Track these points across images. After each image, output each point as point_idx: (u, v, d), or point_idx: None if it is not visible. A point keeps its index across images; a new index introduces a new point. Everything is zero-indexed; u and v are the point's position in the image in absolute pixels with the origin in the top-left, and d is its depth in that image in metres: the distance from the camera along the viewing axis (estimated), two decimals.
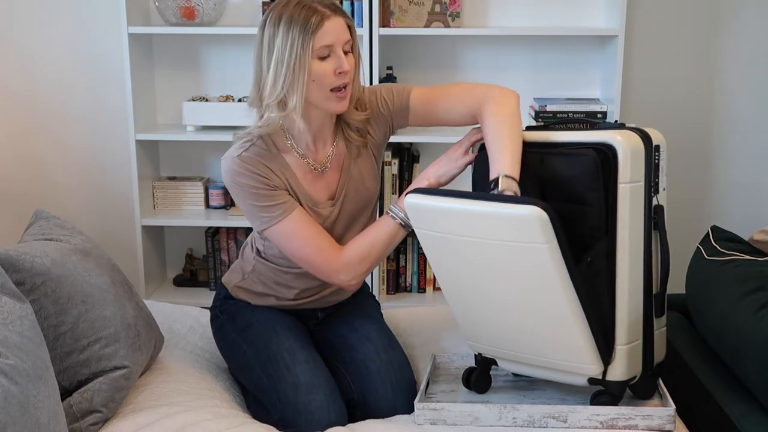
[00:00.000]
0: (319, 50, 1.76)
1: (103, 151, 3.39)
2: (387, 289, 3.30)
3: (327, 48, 1.77)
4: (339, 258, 1.87)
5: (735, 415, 1.76)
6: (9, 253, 1.67)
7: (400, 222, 1.87)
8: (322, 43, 1.76)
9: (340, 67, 1.78)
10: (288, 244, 1.88)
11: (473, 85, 1.93)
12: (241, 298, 2.08)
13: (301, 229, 1.86)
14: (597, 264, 1.67)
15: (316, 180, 1.93)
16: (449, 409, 1.75)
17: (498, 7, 3.22)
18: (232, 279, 2.10)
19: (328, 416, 1.85)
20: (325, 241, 1.88)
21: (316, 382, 1.88)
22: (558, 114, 3.07)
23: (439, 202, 1.69)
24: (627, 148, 1.66)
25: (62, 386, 1.70)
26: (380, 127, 1.98)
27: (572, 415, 1.71)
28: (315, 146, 1.93)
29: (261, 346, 1.95)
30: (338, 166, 1.96)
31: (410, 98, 1.93)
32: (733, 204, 3.38)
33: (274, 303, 2.06)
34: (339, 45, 1.78)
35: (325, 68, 1.77)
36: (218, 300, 2.11)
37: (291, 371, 1.89)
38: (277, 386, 1.89)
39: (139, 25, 3.11)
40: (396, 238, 1.90)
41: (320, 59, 1.77)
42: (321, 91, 1.79)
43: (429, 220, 1.73)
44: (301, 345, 1.96)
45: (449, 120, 1.94)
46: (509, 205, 1.59)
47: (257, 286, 2.05)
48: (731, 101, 3.31)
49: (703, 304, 1.98)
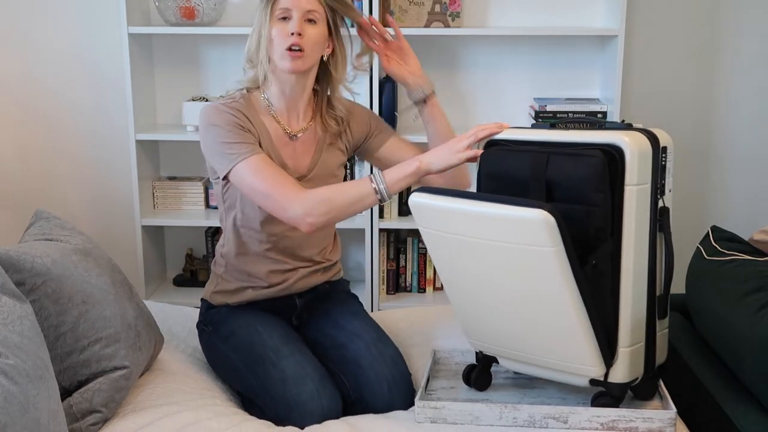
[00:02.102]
0: (278, 12, 1.94)
1: (103, 151, 3.39)
2: (387, 289, 3.30)
3: (284, 11, 1.94)
4: (299, 192, 1.88)
5: (735, 415, 1.76)
6: (9, 253, 1.67)
7: (375, 188, 1.87)
8: (280, 6, 1.94)
9: (291, 29, 1.93)
10: (251, 179, 1.89)
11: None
12: (221, 303, 2.10)
13: (267, 166, 1.91)
14: (602, 266, 1.67)
15: (287, 146, 2.03)
16: (450, 407, 1.75)
17: (498, 7, 3.22)
18: (209, 289, 2.15)
19: (320, 404, 1.86)
20: (288, 179, 1.91)
21: (303, 374, 1.89)
22: (558, 114, 3.07)
23: (444, 202, 1.69)
24: (635, 149, 1.65)
25: (62, 386, 1.70)
26: (359, 130, 2.12)
27: (573, 416, 1.71)
28: (288, 115, 2.04)
29: (246, 349, 1.97)
30: (312, 144, 2.06)
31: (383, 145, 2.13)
32: (733, 204, 3.38)
33: (252, 296, 2.08)
34: (297, 11, 1.94)
35: (279, 28, 1.95)
36: (202, 315, 2.15)
37: (277, 367, 1.91)
38: (266, 384, 1.91)
39: (139, 25, 3.10)
40: (365, 201, 1.89)
41: (280, 20, 1.95)
42: (278, 49, 1.95)
43: (434, 220, 1.73)
44: (285, 341, 1.98)
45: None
46: (516, 208, 1.58)
47: (231, 284, 2.09)
48: (731, 101, 3.31)
49: (703, 304, 1.98)
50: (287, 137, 2.03)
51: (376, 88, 3.05)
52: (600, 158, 1.64)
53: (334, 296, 2.18)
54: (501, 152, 1.80)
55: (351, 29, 2.09)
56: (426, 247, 1.80)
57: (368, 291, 3.20)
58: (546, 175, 1.71)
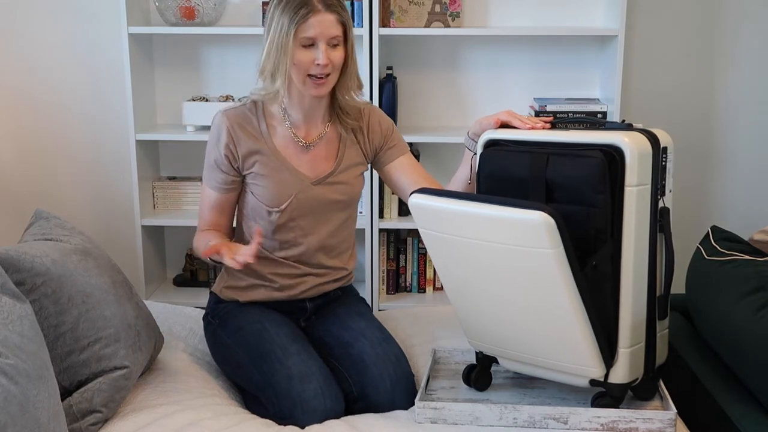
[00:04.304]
0: (302, 40, 1.91)
1: (103, 151, 3.39)
2: (387, 289, 3.30)
3: (310, 39, 1.91)
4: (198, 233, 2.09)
5: (735, 415, 1.76)
6: (9, 253, 1.67)
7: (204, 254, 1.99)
8: (304, 35, 1.90)
9: (318, 60, 1.91)
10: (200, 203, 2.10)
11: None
12: (230, 299, 2.11)
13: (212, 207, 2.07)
14: (602, 267, 1.66)
15: (301, 153, 2.05)
16: (450, 408, 1.75)
17: (498, 7, 3.22)
18: (219, 284, 2.16)
19: (324, 403, 1.87)
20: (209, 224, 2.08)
21: (308, 372, 1.90)
22: (558, 114, 3.07)
23: (443, 203, 1.69)
24: (635, 150, 1.64)
25: (62, 386, 1.70)
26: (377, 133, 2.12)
27: (573, 417, 1.71)
28: (305, 124, 2.05)
29: (253, 345, 1.98)
30: (333, 145, 2.08)
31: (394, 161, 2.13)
32: (733, 204, 3.38)
33: (264, 295, 2.09)
34: (322, 39, 1.91)
35: (305, 56, 1.92)
36: (209, 307, 2.16)
37: (283, 364, 1.91)
38: (271, 380, 1.91)
39: (139, 25, 3.10)
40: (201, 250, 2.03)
41: (304, 47, 1.92)
42: (300, 74, 1.94)
43: (433, 221, 1.72)
44: (293, 339, 1.99)
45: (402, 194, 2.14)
46: (515, 210, 1.58)
47: (243, 281, 2.10)
48: (731, 101, 3.31)
49: (703, 304, 1.98)
50: (302, 147, 2.04)
51: (376, 88, 3.05)
52: (600, 159, 1.63)
53: (342, 298, 2.19)
54: (501, 152, 1.80)
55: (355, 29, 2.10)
56: (425, 247, 1.79)
57: (368, 291, 3.20)
58: (546, 176, 1.70)
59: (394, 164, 2.13)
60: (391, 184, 2.16)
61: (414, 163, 2.15)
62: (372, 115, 2.12)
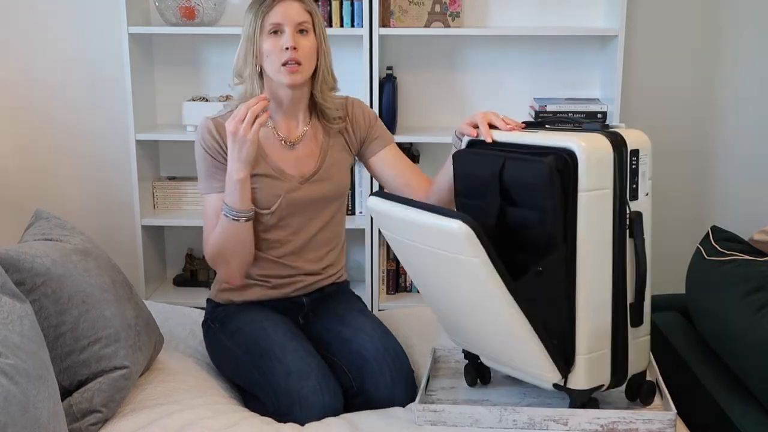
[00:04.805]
0: (269, 27, 1.96)
1: (103, 151, 3.39)
2: (387, 289, 3.30)
3: (276, 26, 1.96)
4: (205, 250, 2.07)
5: (735, 415, 1.76)
6: (9, 253, 1.67)
7: (225, 214, 1.96)
8: (270, 21, 1.96)
9: (285, 43, 1.95)
10: (204, 216, 2.07)
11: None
12: (227, 301, 2.12)
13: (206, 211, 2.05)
14: (552, 273, 1.62)
15: (286, 153, 2.06)
16: (450, 410, 1.75)
17: (498, 7, 3.22)
18: (214, 288, 2.18)
19: (322, 399, 1.87)
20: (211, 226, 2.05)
21: (307, 369, 1.91)
22: (558, 114, 3.07)
23: (389, 206, 1.71)
24: (589, 153, 1.58)
25: (62, 386, 1.70)
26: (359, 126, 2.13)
27: (573, 418, 1.71)
28: (286, 122, 2.07)
29: (251, 345, 1.99)
30: (315, 145, 2.09)
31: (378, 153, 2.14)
32: (733, 204, 3.38)
33: (259, 294, 2.10)
34: (289, 24, 1.96)
35: (274, 44, 1.96)
36: (208, 314, 2.18)
37: (282, 362, 1.92)
38: (270, 378, 1.92)
39: (139, 25, 3.11)
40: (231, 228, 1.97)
41: (271, 35, 1.97)
42: (273, 64, 1.97)
43: (385, 224, 1.75)
44: (291, 337, 2.00)
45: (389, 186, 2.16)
46: (438, 217, 1.58)
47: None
48: (731, 101, 3.31)
49: (703, 304, 1.98)
50: (286, 146, 2.06)
51: (376, 88, 3.05)
52: (547, 164, 1.58)
53: (339, 296, 2.20)
54: (470, 154, 1.81)
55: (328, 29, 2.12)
56: None
57: (368, 291, 3.20)
58: (504, 179, 1.68)
59: (378, 156, 2.14)
60: (377, 176, 2.18)
61: (398, 154, 2.17)
62: (354, 107, 2.14)
